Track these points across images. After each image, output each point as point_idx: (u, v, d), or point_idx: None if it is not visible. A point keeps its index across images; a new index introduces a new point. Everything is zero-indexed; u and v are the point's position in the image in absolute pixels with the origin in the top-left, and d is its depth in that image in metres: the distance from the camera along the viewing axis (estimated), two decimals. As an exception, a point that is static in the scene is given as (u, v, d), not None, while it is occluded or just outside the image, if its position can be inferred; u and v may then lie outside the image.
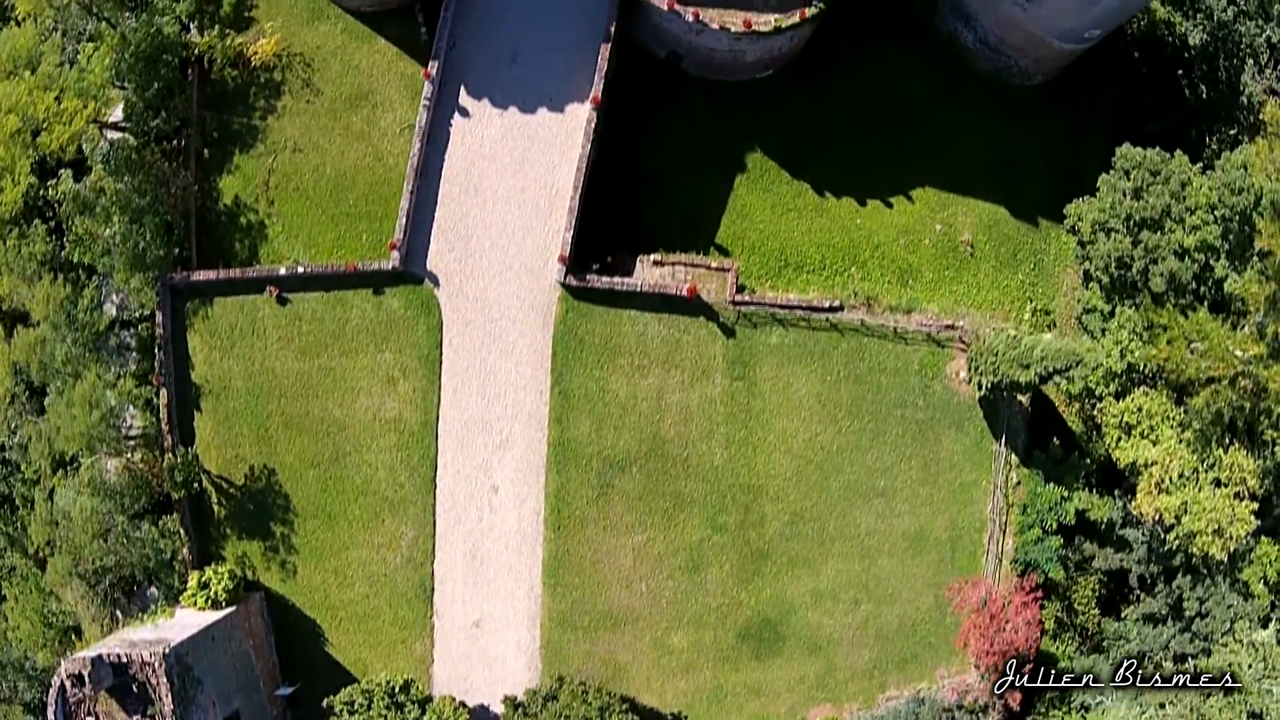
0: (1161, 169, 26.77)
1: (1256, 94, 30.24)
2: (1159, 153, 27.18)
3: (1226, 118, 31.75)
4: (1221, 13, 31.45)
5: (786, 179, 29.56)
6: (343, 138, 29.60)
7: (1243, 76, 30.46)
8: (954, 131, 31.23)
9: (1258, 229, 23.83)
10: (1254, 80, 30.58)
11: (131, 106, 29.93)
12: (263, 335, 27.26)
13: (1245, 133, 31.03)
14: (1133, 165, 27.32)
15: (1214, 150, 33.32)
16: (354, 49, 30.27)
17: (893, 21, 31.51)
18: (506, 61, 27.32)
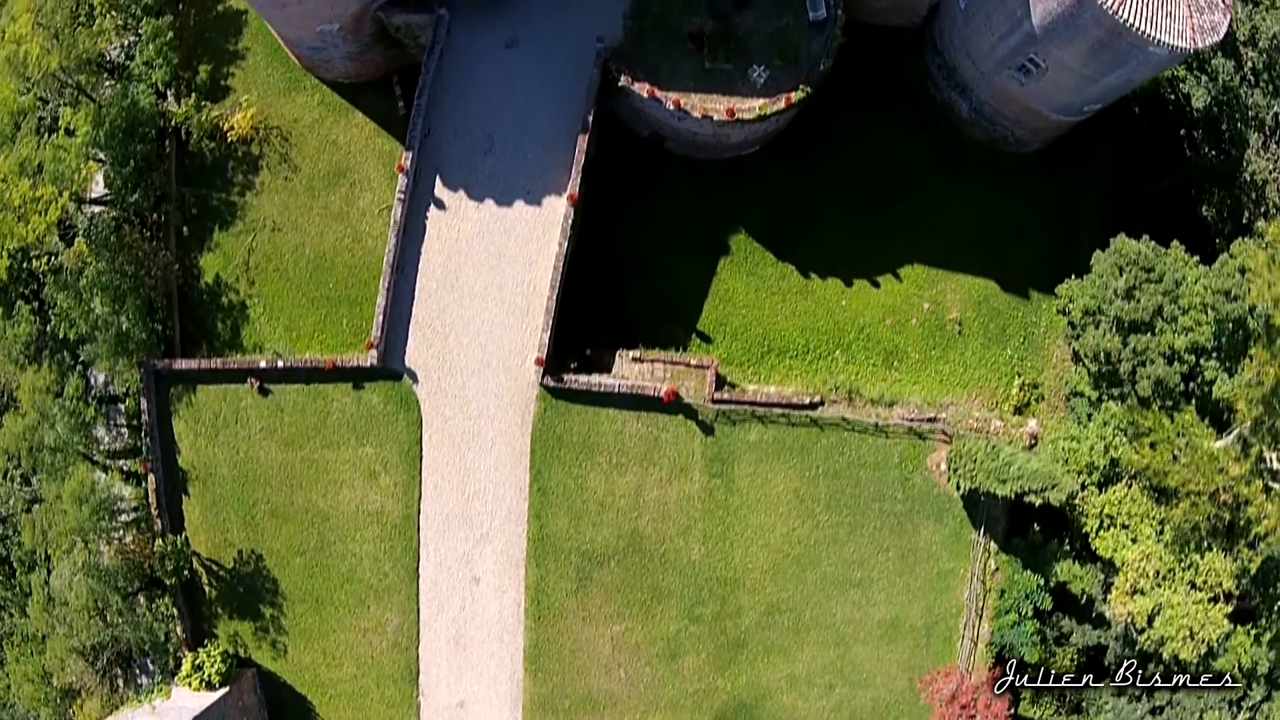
0: (1156, 265, 25.89)
1: (1260, 170, 28.94)
2: (1154, 247, 26.21)
3: (1229, 186, 30.54)
4: (1228, 78, 29.94)
5: (771, 260, 28.86)
6: (321, 217, 29.10)
7: (1247, 152, 29.13)
8: (945, 204, 30.19)
9: (1250, 350, 23.07)
10: (1258, 155, 29.25)
11: (110, 181, 29.63)
12: (246, 425, 27.30)
13: (1249, 208, 29.88)
14: (1127, 261, 26.30)
15: (1214, 217, 32.31)
16: (331, 123, 29.50)
17: (885, 90, 30.20)
18: (482, 151, 26.43)
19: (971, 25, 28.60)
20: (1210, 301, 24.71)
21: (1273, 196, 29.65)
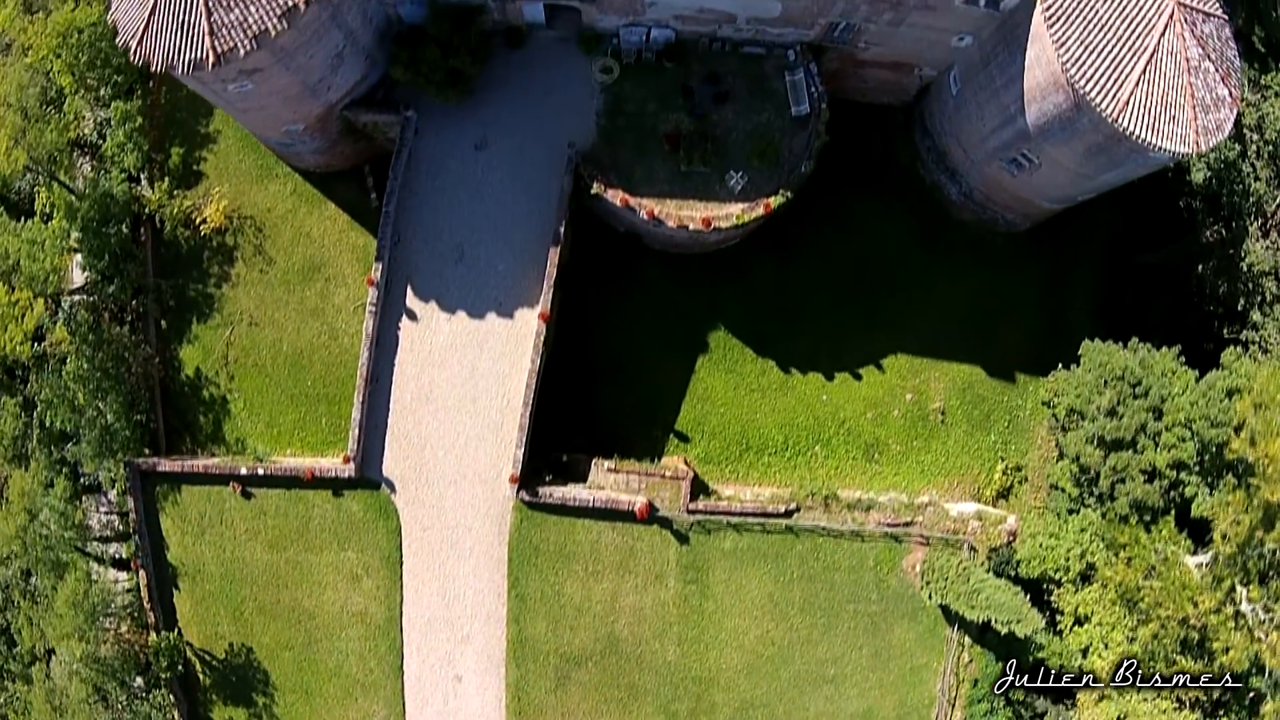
0: (1143, 378, 25.00)
1: (1259, 260, 27.59)
2: (1143, 359, 25.21)
3: (1227, 268, 29.22)
4: (1231, 156, 28.32)
5: (751, 356, 28.05)
6: (298, 313, 28.51)
7: (1246, 241, 27.72)
8: (932, 291, 29.12)
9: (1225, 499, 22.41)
10: (1257, 244, 27.84)
11: (87, 270, 29.14)
12: (231, 525, 27.35)
13: (1245, 295, 28.64)
14: (1112, 376, 25.40)
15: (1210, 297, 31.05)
16: (305, 214, 28.65)
17: (872, 169, 28.84)
18: (453, 260, 25.55)
19: (962, 113, 27.12)
20: (1196, 426, 23.96)
21: (1270, 286, 28.47)
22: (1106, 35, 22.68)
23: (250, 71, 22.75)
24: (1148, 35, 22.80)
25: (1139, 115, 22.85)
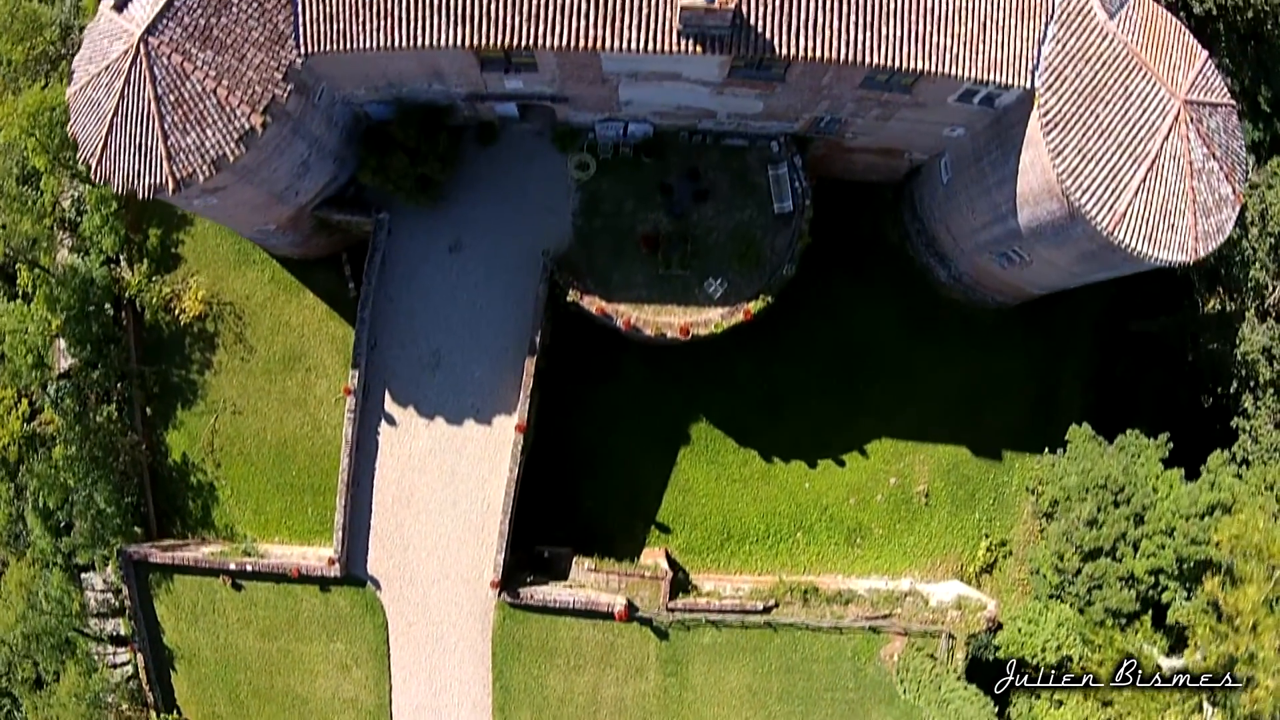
0: (1125, 485, 24.33)
1: (1253, 347, 26.47)
2: (1126, 469, 24.39)
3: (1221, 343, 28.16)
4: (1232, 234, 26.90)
5: (733, 447, 27.47)
6: (280, 403, 28.06)
7: (1242, 327, 26.60)
8: (918, 373, 28.29)
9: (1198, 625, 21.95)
10: (1253, 331, 26.71)
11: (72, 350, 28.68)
12: (223, 614, 27.45)
13: (1238, 377, 27.61)
14: (1095, 485, 24.70)
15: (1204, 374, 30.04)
16: (283, 302, 27.96)
17: (859, 248, 27.84)
18: (429, 367, 24.87)
19: (953, 203, 25.85)
20: (1176, 538, 23.40)
21: (1264, 371, 27.45)
22: (1107, 141, 21.29)
23: (214, 190, 21.94)
24: (1150, 139, 21.40)
25: (1136, 228, 21.60)
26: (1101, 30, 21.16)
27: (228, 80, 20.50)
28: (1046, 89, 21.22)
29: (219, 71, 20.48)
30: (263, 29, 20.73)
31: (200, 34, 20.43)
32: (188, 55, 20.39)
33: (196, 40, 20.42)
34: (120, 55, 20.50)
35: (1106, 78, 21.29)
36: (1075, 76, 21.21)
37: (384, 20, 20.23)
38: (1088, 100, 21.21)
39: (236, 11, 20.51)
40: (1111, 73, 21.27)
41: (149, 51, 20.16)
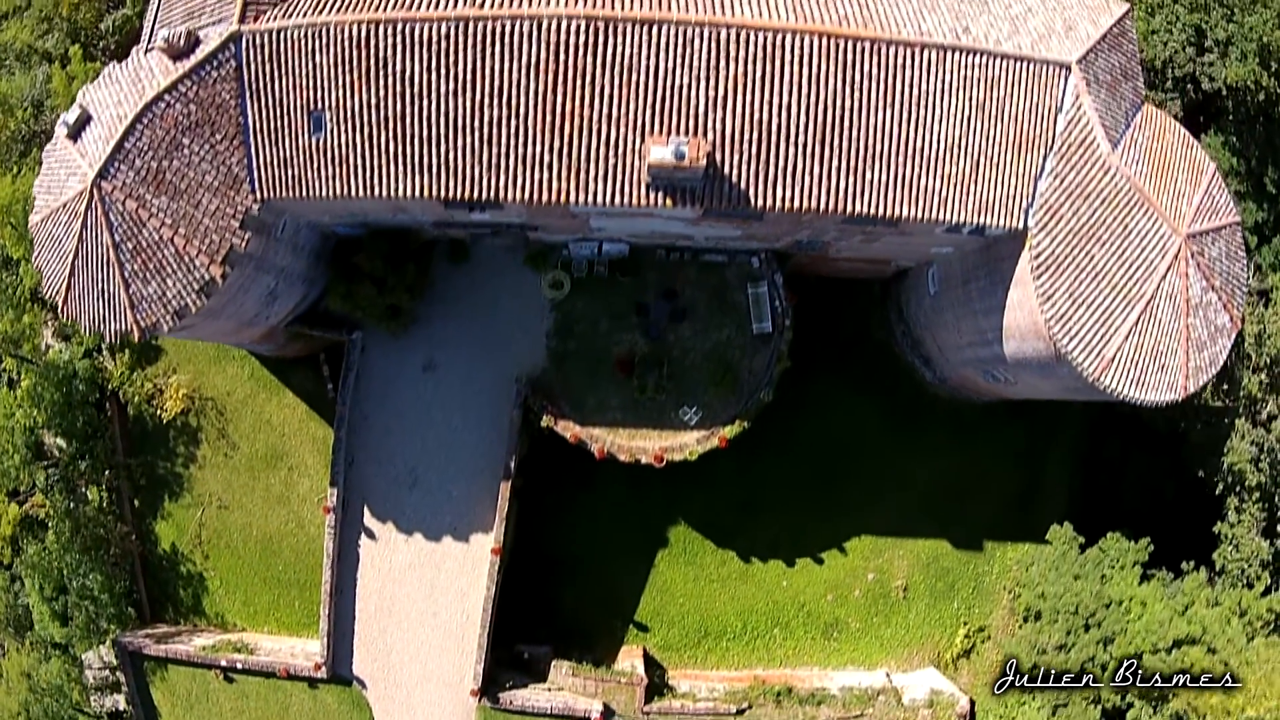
0: (1096, 610, 23.57)
1: (1240, 458, 25.20)
2: (1098, 592, 23.55)
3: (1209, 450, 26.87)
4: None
5: (711, 548, 26.67)
6: (264, 500, 27.46)
7: (1232, 437, 25.28)
8: (900, 467, 27.30)
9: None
10: (1242, 440, 25.38)
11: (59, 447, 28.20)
12: (217, 704, 27.34)
13: (1224, 481, 26.42)
14: (1065, 610, 23.96)
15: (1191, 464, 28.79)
16: (264, 400, 27.13)
17: (844, 345, 26.65)
18: (406, 485, 24.14)
19: (939, 318, 24.45)
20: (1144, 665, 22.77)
21: (1250, 476, 26.25)
22: (1100, 284, 19.78)
23: (180, 328, 21.01)
24: (1147, 280, 19.87)
25: (1123, 372, 20.23)
26: (1103, 164, 19.47)
27: (184, 228, 19.30)
28: (1040, 229, 19.68)
29: (174, 219, 19.27)
30: (216, 173, 19.42)
31: (153, 178, 19.16)
32: (142, 201, 19.17)
33: (150, 185, 19.16)
34: (75, 196, 19.30)
35: (1105, 215, 19.70)
36: (1072, 215, 19.64)
37: (340, 168, 18.85)
38: (1083, 241, 19.67)
39: (188, 154, 19.19)
40: (1110, 210, 19.66)
41: (103, 197, 18.98)
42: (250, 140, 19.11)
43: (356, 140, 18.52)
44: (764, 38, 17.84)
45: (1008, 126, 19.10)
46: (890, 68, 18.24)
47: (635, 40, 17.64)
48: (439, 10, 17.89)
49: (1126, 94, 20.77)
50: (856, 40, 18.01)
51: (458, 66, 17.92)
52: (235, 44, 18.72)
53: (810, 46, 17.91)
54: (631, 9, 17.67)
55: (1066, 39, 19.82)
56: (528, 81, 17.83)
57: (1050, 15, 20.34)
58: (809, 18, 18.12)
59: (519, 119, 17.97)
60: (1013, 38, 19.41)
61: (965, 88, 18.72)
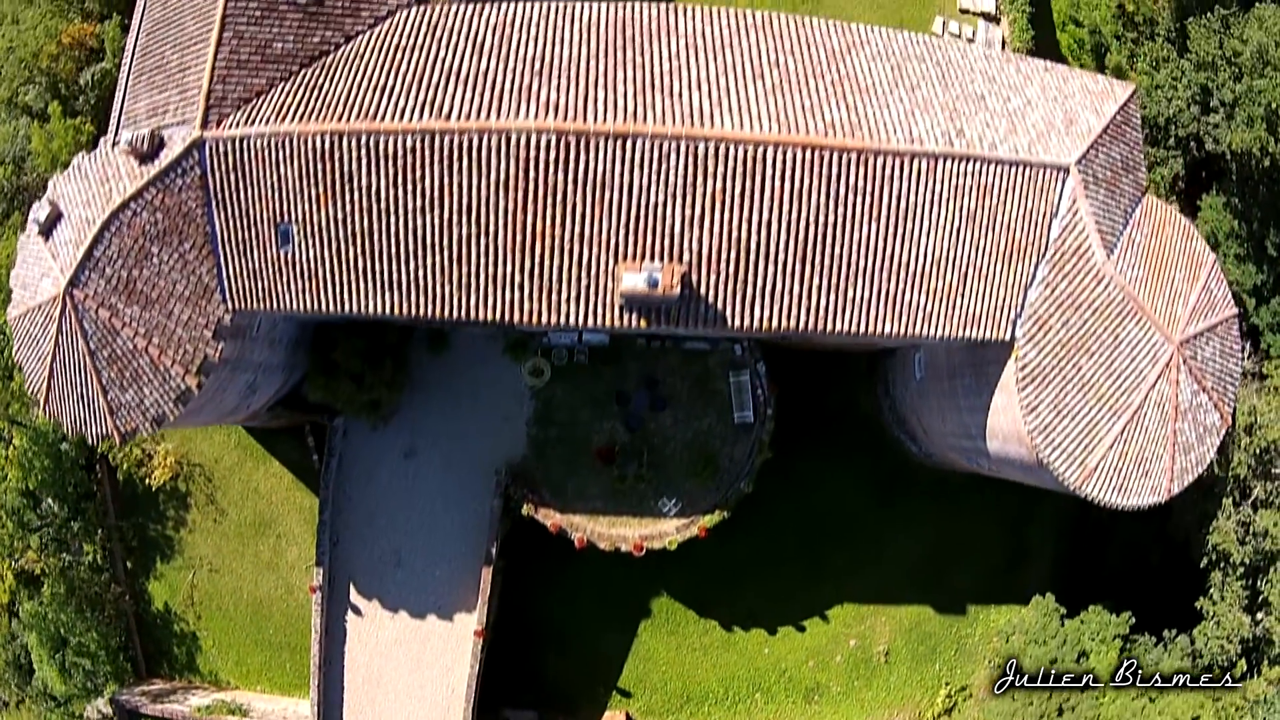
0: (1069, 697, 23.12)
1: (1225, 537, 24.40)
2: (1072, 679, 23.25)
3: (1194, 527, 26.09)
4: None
5: (693, 618, 26.23)
6: (253, 565, 27.25)
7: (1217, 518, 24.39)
8: (885, 536, 26.72)
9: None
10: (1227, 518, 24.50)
11: (51, 515, 28.05)
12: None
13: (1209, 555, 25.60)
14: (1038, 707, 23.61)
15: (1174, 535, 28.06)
16: (251, 468, 26.75)
17: (829, 418, 25.94)
18: (391, 565, 23.80)
19: (925, 402, 23.66)
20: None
21: (1236, 555, 25.50)
22: (1086, 395, 19.01)
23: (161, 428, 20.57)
24: (1135, 390, 19.07)
25: (1105, 481, 19.44)
26: (1097, 273, 18.49)
27: (158, 338, 18.67)
28: (1027, 340, 18.80)
29: (148, 329, 18.62)
30: (187, 282, 18.70)
31: (124, 287, 18.47)
32: (114, 310, 18.52)
33: (121, 294, 18.49)
34: (50, 301, 18.63)
35: (1096, 326, 18.79)
36: (1061, 327, 18.73)
37: (309, 283, 18.09)
38: (1071, 352, 18.79)
39: (158, 263, 18.47)
40: (1102, 320, 18.75)
41: (76, 306, 18.35)
42: (218, 250, 18.36)
43: (325, 255, 17.76)
44: (744, 151, 16.89)
45: (999, 235, 18.14)
46: (877, 179, 17.27)
47: (609, 155, 16.73)
48: (404, 122, 17.00)
49: (1127, 189, 19.72)
50: (843, 151, 17.04)
51: (424, 181, 17.09)
52: (199, 150, 17.94)
53: (793, 159, 16.95)
54: (604, 122, 16.72)
55: (1067, 136, 18.72)
56: (497, 198, 16.99)
57: (1051, 108, 19.23)
58: (793, 127, 17.13)
59: (488, 237, 17.20)
60: (1009, 139, 18.35)
61: (956, 197, 17.72)
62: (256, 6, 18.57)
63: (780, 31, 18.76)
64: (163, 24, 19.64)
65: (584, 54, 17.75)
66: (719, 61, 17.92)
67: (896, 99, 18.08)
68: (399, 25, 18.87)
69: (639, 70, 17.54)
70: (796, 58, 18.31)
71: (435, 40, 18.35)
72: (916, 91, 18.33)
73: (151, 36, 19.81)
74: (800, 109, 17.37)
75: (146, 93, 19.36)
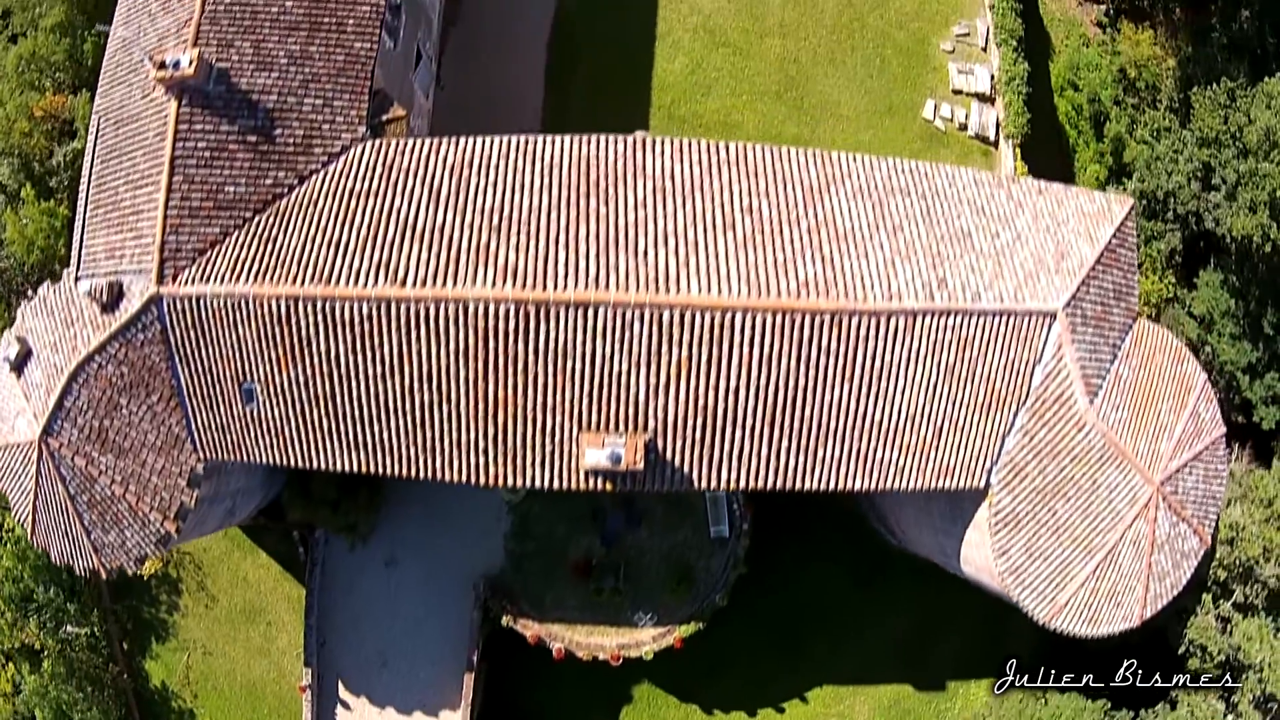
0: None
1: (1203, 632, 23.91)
2: None
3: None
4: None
5: (674, 703, 26.13)
6: (245, 650, 27.50)
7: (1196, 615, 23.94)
8: (865, 619, 26.59)
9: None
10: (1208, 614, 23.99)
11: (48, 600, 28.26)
12: (214, 836, 28.75)
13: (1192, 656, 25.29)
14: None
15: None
16: (239, 558, 26.78)
17: (808, 510, 25.41)
18: (377, 665, 23.85)
19: (902, 510, 23.20)
20: None
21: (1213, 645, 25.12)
22: (1060, 537, 18.57)
23: (141, 555, 20.51)
24: (1111, 530, 18.61)
25: (1075, 615, 19.06)
26: (1078, 421, 17.81)
27: (134, 486, 18.41)
28: (1003, 486, 18.25)
29: (123, 476, 18.37)
30: (157, 433, 18.34)
31: (97, 437, 18.16)
32: (90, 459, 18.25)
33: (94, 444, 18.19)
34: (26, 444, 18.39)
35: (1074, 472, 18.21)
36: (1038, 474, 18.16)
37: (276, 439, 17.71)
38: (1047, 497, 18.26)
39: (127, 414, 18.08)
40: (1080, 467, 18.15)
41: (52, 454, 18.10)
42: (185, 404, 17.91)
43: (289, 415, 17.31)
44: (711, 317, 16.20)
45: (978, 386, 17.41)
46: (852, 339, 16.52)
47: (570, 324, 16.07)
48: (359, 288, 16.36)
49: (1117, 320, 18.83)
50: (816, 313, 16.31)
51: (383, 348, 16.52)
52: (157, 306, 17.43)
53: (763, 323, 16.23)
54: (565, 290, 16.02)
55: (1056, 274, 17.77)
56: (457, 366, 16.41)
57: (1042, 240, 18.21)
58: (763, 289, 16.34)
59: (450, 404, 16.67)
60: (995, 284, 17.41)
61: (935, 352, 16.95)
62: (205, 147, 17.82)
63: (756, 168, 17.78)
64: (115, 154, 18.88)
65: (545, 204, 16.93)
66: (688, 209, 17.07)
67: (877, 245, 17.20)
68: (353, 164, 18.04)
69: (603, 224, 16.73)
70: (771, 200, 17.40)
71: (391, 185, 17.53)
72: (898, 235, 17.41)
73: (106, 165, 19.07)
74: (772, 265, 16.54)
75: (104, 230, 18.70)
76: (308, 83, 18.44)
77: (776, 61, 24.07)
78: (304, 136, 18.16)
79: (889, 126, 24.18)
